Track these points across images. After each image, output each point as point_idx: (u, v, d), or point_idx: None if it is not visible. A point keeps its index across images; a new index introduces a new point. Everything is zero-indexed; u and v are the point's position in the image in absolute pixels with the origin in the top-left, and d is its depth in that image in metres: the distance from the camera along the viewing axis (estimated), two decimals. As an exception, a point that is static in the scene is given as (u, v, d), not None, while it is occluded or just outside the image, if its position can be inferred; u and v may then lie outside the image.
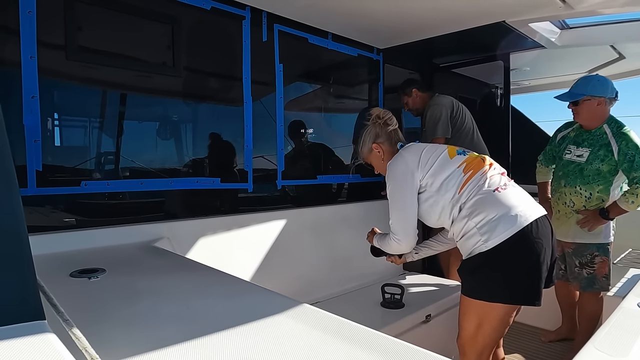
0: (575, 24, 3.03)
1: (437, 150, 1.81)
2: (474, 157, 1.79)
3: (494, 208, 1.62)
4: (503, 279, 1.63)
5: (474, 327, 1.70)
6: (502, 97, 4.23)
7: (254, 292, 1.27)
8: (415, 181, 1.76)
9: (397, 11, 2.53)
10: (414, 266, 3.30)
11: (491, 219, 1.61)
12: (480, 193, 1.66)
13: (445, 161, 1.76)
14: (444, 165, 1.75)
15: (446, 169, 1.74)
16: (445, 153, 1.79)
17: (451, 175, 1.72)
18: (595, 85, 2.53)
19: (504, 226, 1.58)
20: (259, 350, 0.84)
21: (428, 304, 2.37)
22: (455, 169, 1.73)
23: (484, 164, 1.75)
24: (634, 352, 1.14)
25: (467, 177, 1.71)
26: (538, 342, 2.96)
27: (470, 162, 1.75)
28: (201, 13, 2.19)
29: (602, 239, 2.57)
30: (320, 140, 2.99)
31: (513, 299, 1.63)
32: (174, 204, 2.15)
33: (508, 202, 1.62)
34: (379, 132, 1.94)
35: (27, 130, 1.65)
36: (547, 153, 2.93)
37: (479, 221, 1.63)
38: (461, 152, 1.81)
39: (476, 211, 1.64)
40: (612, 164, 2.48)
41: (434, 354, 0.84)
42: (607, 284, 2.56)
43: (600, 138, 2.55)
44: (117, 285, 1.28)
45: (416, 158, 1.78)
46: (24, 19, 1.63)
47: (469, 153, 1.82)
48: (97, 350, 0.72)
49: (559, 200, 2.70)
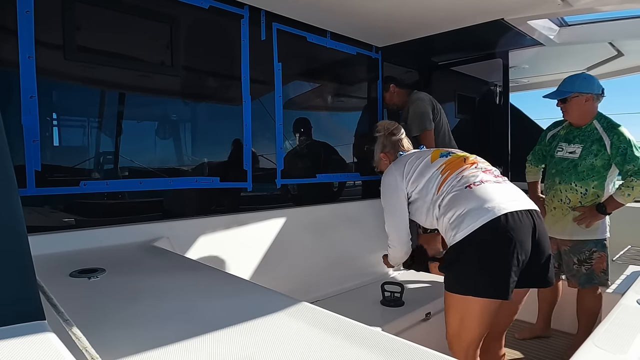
0: (574, 21, 3.04)
1: (421, 157, 1.94)
2: (456, 158, 1.87)
3: (463, 203, 1.67)
4: (471, 272, 1.66)
5: (457, 323, 1.72)
6: (501, 94, 4.24)
7: (254, 291, 1.27)
8: (401, 191, 1.92)
9: (395, 9, 2.53)
10: (413, 264, 3.31)
11: (460, 213, 1.66)
12: (454, 190, 1.74)
13: (425, 166, 1.88)
14: (424, 170, 1.87)
15: (426, 173, 1.86)
16: (427, 159, 1.91)
17: (430, 178, 1.84)
18: (582, 83, 2.59)
19: (470, 219, 1.62)
20: (259, 349, 0.84)
21: (428, 302, 2.37)
22: (434, 172, 1.84)
23: (463, 163, 1.82)
24: (633, 349, 1.14)
25: (444, 177, 1.80)
26: (538, 340, 2.96)
27: (449, 162, 1.84)
28: (199, 12, 2.18)
29: (599, 234, 2.59)
30: (320, 138, 2.99)
31: (481, 292, 1.63)
32: (173, 203, 2.15)
33: (479, 197, 1.66)
34: (385, 142, 2.15)
35: (26, 131, 1.65)
36: (536, 153, 2.96)
37: (451, 217, 1.70)
38: (445, 155, 1.90)
39: (448, 208, 1.72)
40: (605, 159, 2.51)
41: (434, 352, 0.84)
42: (605, 279, 2.58)
43: (591, 134, 2.59)
44: (117, 285, 1.28)
45: (401, 169, 1.94)
46: (22, 19, 1.63)
47: (453, 154, 1.90)
48: (97, 350, 0.72)
49: (554, 197, 2.71)
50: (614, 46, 3.29)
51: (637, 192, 2.43)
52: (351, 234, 2.82)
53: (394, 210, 1.96)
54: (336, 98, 3.14)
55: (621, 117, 4.34)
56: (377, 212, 3.07)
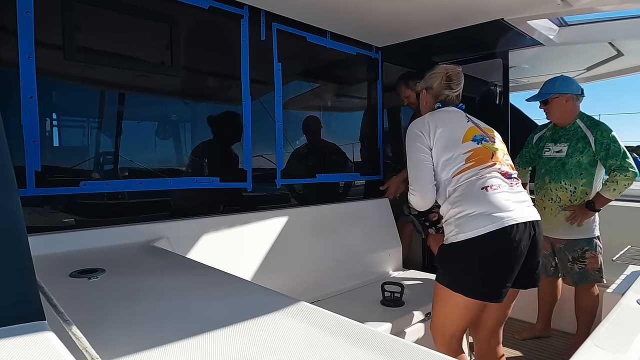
0: (574, 21, 3.04)
1: (456, 128, 1.83)
2: (485, 149, 1.79)
3: (475, 205, 1.66)
4: (466, 272, 1.68)
5: (443, 315, 1.76)
6: (501, 94, 4.23)
7: (254, 291, 1.27)
8: (425, 144, 1.82)
9: (395, 9, 2.53)
10: (414, 264, 3.31)
11: (469, 213, 1.66)
12: (469, 186, 1.71)
13: (455, 143, 1.79)
14: (452, 146, 1.78)
15: (451, 150, 1.78)
16: (460, 135, 1.81)
17: (453, 158, 1.77)
18: (561, 84, 2.72)
19: (477, 223, 1.63)
20: (259, 349, 0.84)
21: (428, 302, 2.35)
22: (460, 155, 1.76)
23: (489, 160, 1.77)
24: (633, 348, 1.14)
25: (466, 166, 1.74)
26: (538, 340, 2.97)
27: (477, 152, 1.77)
28: (199, 12, 2.18)
29: (590, 233, 2.66)
30: (320, 138, 2.99)
31: (472, 294, 1.67)
32: (173, 203, 2.15)
33: (491, 203, 1.66)
34: (435, 84, 1.97)
35: (26, 131, 1.65)
36: (523, 156, 3.05)
37: (458, 212, 1.69)
38: (477, 140, 1.81)
39: (459, 202, 1.71)
40: (590, 155, 2.60)
41: (434, 352, 0.84)
42: (599, 276, 2.64)
43: (575, 132, 2.69)
44: (117, 285, 1.28)
45: (433, 128, 1.82)
46: (22, 19, 1.63)
47: (484, 143, 1.82)
48: (97, 350, 0.72)
49: (544, 197, 2.77)
50: (613, 46, 3.29)
51: (621, 187, 2.51)
52: (351, 234, 2.82)
53: (416, 158, 1.85)
54: (336, 98, 3.14)
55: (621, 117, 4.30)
56: (377, 211, 3.08)
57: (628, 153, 2.55)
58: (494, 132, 1.96)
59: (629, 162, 2.50)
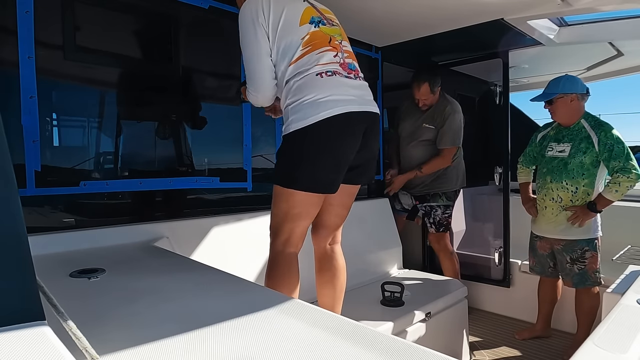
0: (574, 21, 3.04)
1: (293, 10, 1.64)
2: (322, 33, 1.65)
3: (308, 92, 1.54)
4: (301, 166, 1.58)
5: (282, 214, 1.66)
6: (501, 94, 4.23)
7: (254, 290, 1.27)
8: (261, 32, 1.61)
9: (395, 9, 2.53)
10: (414, 264, 3.31)
11: (300, 101, 1.54)
12: (304, 73, 1.57)
13: (292, 26, 1.61)
14: (289, 30, 1.61)
15: (287, 36, 1.60)
16: (297, 16, 1.63)
17: (290, 45, 1.60)
18: (566, 83, 2.67)
19: (306, 112, 1.52)
20: (259, 349, 0.84)
21: (428, 302, 2.37)
22: (297, 40, 1.60)
23: (327, 44, 1.63)
24: (633, 348, 1.14)
25: (303, 52, 1.59)
26: (538, 340, 2.96)
27: (314, 36, 1.62)
28: (199, 12, 2.18)
29: (591, 234, 2.65)
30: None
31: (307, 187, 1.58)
32: (173, 203, 2.15)
33: (325, 89, 1.54)
34: None
35: (26, 131, 1.65)
36: (527, 154, 3.02)
37: (292, 102, 1.57)
38: (315, 22, 1.65)
39: (293, 91, 1.57)
40: (593, 156, 2.57)
41: (434, 352, 0.84)
42: (598, 277, 2.62)
43: (579, 132, 2.66)
44: (117, 285, 1.28)
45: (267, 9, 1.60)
46: (22, 19, 1.63)
47: (322, 27, 1.66)
48: (97, 350, 0.72)
49: (546, 196, 2.76)
50: (613, 46, 3.30)
51: (624, 189, 2.49)
52: (351, 234, 2.82)
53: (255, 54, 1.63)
54: (336, 98, 3.13)
55: (621, 117, 4.30)
56: (377, 212, 3.08)
57: (632, 155, 2.51)
58: (332, 14, 1.81)
59: (633, 164, 2.47)
